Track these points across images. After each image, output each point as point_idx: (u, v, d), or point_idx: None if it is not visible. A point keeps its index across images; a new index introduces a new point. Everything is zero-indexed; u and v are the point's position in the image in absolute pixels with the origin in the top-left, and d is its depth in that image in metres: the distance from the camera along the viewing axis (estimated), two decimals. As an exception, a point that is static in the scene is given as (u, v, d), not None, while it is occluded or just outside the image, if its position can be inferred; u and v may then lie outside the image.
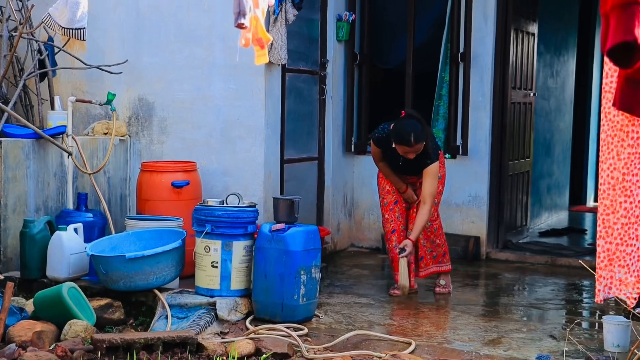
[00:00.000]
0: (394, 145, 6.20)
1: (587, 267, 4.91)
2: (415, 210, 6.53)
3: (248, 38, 3.77)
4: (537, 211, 10.13)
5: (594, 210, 11.85)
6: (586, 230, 9.98)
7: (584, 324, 5.95)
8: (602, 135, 4.47)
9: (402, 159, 6.31)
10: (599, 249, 4.76)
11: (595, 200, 12.76)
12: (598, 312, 6.20)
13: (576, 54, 11.63)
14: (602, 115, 4.47)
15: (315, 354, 5.01)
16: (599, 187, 4.57)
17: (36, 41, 6.79)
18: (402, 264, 6.25)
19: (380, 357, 4.92)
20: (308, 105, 7.76)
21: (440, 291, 6.57)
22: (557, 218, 10.91)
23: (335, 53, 8.04)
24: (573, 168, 11.92)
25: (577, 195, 12.19)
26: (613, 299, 4.96)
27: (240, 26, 3.62)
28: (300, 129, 7.63)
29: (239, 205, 5.80)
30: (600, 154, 4.52)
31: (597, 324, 5.89)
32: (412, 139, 6.09)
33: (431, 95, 8.32)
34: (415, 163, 6.28)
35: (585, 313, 6.35)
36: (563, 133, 11.26)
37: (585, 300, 6.71)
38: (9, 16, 6.62)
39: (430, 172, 6.26)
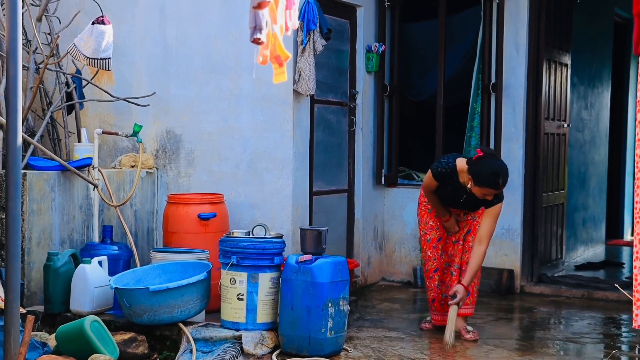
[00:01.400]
0: (469, 186, 5.84)
1: (624, 292, 4.73)
2: (454, 240, 6.28)
3: (266, 55, 3.66)
4: (573, 244, 9.92)
5: (631, 244, 11.57)
6: (624, 264, 9.76)
7: (624, 359, 5.75)
8: (637, 159, 4.31)
9: (465, 196, 6.00)
10: (635, 271, 4.59)
11: (633, 234, 12.49)
12: (638, 347, 6.01)
13: (611, 87, 11.46)
14: (637, 134, 4.32)
15: (342, 388, 4.87)
16: (635, 205, 4.41)
17: (64, 73, 6.78)
18: (452, 313, 5.89)
19: (409, 392, 4.76)
20: (337, 136, 7.66)
21: (471, 337, 6.11)
22: (594, 252, 10.68)
23: (364, 84, 7.95)
24: (609, 201, 11.69)
25: (614, 229, 11.95)
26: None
27: (256, 41, 3.51)
28: (329, 161, 7.53)
29: (265, 236, 5.69)
30: (636, 173, 4.36)
31: (637, 358, 5.69)
32: (501, 182, 5.78)
33: (462, 127, 8.20)
34: (479, 201, 6.00)
35: (624, 347, 6.15)
36: (598, 166, 11.06)
37: (624, 334, 6.53)
38: (36, 48, 6.61)
39: (494, 212, 5.98)
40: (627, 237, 12.29)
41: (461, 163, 5.96)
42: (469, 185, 5.87)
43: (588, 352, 5.98)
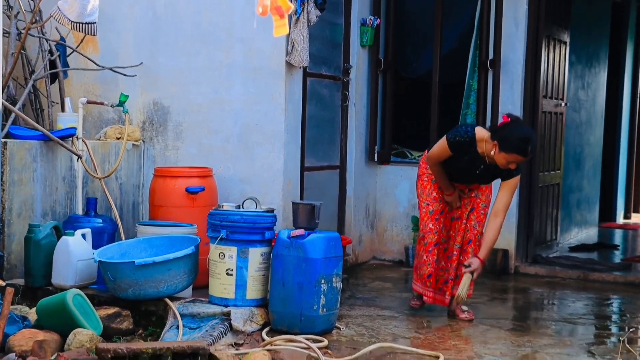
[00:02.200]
0: (492, 153, 5.55)
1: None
2: (456, 217, 6.00)
3: (266, 5, 3.43)
4: (567, 226, 9.76)
5: (624, 227, 11.49)
6: (618, 246, 9.61)
7: (612, 339, 5.67)
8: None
9: (483, 167, 5.73)
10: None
11: (626, 217, 12.38)
12: (627, 328, 5.89)
13: (607, 68, 11.28)
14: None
15: (335, 366, 4.68)
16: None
17: (47, 40, 6.53)
18: (466, 279, 5.75)
19: (405, 371, 4.58)
20: (330, 111, 7.45)
21: (466, 317, 5.94)
22: (587, 234, 10.53)
23: (358, 59, 7.74)
24: (603, 184, 11.53)
25: (607, 212, 11.78)
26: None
27: (256, -14, 3.29)
28: (321, 136, 7.32)
29: (256, 210, 5.49)
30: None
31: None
32: (530, 150, 5.52)
33: (457, 105, 7.99)
34: (496, 173, 5.76)
35: (615, 329, 6.01)
36: (593, 147, 10.89)
37: (621, 316, 6.43)
38: (18, 13, 6.37)
39: (512, 185, 5.75)
40: (620, 220, 12.14)
41: (480, 132, 5.68)
42: (492, 153, 5.57)
43: (586, 333, 5.84)
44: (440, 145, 5.77)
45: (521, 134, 5.53)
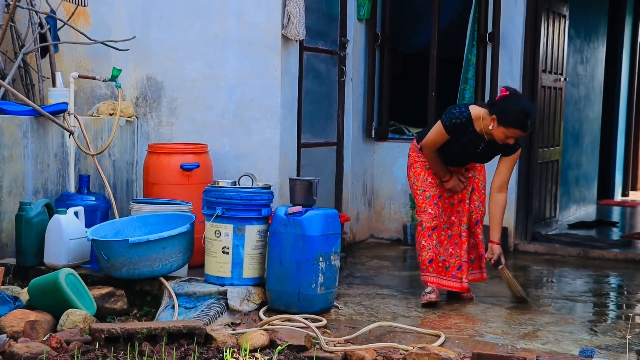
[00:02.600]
0: (490, 127, 5.37)
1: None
2: (459, 200, 5.81)
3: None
4: (566, 203, 9.67)
5: (622, 204, 11.41)
6: (617, 223, 9.53)
7: (613, 316, 5.63)
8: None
9: (483, 145, 5.54)
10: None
11: (624, 194, 12.30)
12: (633, 305, 5.82)
13: (606, 43, 11.15)
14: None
15: (335, 346, 4.56)
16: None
17: (36, 12, 6.38)
18: (507, 275, 5.73)
19: (407, 350, 4.46)
20: (326, 87, 7.32)
21: (466, 296, 5.84)
22: (585, 211, 10.45)
23: (355, 33, 7.60)
24: (601, 161, 11.43)
25: (605, 189, 11.70)
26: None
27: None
28: (318, 112, 7.19)
29: (253, 186, 5.37)
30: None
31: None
32: (529, 124, 5.36)
33: (455, 80, 7.86)
34: (497, 149, 5.60)
35: (616, 306, 5.97)
36: (592, 123, 10.79)
37: (622, 292, 6.36)
38: (6, -16, 6.22)
39: (513, 159, 5.61)
40: (618, 197, 12.06)
41: (476, 110, 5.49)
42: (490, 127, 5.40)
43: (588, 310, 5.78)
44: (436, 131, 5.55)
45: (520, 107, 5.37)
